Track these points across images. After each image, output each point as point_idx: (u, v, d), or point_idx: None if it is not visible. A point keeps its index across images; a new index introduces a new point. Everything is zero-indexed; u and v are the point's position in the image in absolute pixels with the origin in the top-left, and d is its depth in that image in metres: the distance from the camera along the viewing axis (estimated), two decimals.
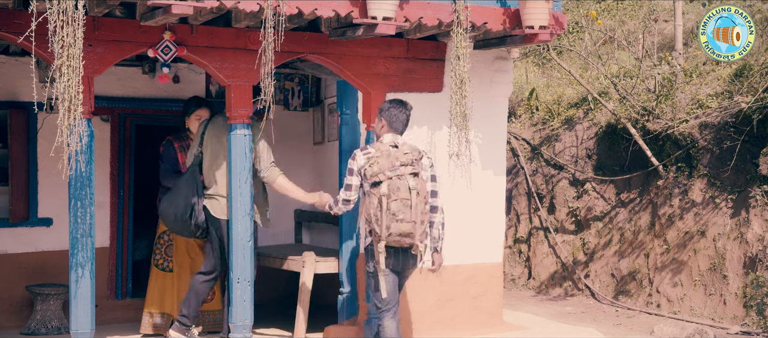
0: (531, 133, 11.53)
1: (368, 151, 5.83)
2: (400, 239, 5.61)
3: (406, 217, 5.58)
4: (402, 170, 5.66)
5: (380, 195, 5.59)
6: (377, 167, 5.67)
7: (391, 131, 5.92)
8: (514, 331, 7.63)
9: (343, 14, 6.20)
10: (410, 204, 5.58)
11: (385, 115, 5.94)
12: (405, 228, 5.58)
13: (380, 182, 5.62)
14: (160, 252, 7.71)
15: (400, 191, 5.60)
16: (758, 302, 7.61)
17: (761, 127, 8.37)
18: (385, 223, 5.56)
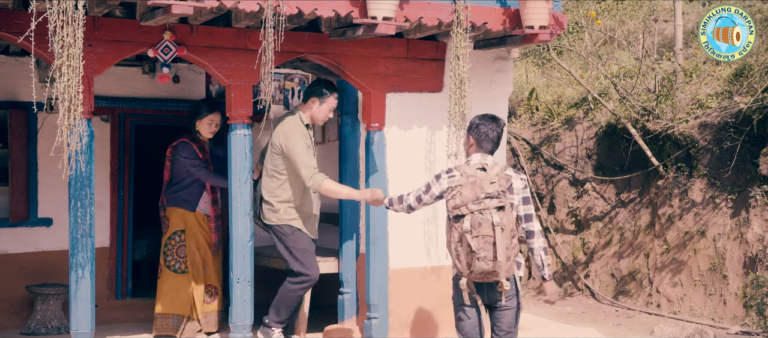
0: (531, 133, 11.53)
1: (453, 175, 5.26)
2: (482, 276, 5.10)
3: (489, 255, 5.03)
4: (486, 203, 5.06)
5: (462, 231, 5.06)
6: (460, 198, 5.10)
7: (480, 151, 5.32)
8: None
9: (343, 14, 6.20)
10: (493, 241, 5.02)
11: (474, 132, 5.34)
12: (486, 267, 5.03)
13: (462, 216, 5.07)
14: (172, 253, 7.55)
15: (482, 227, 5.03)
16: (758, 302, 7.61)
17: (761, 127, 8.37)
18: (466, 260, 5.07)
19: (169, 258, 7.54)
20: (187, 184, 7.49)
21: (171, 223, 7.52)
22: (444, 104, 7.01)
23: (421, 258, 7.27)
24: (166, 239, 7.54)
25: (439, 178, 5.36)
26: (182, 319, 7.45)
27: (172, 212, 7.52)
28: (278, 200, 6.65)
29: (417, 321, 7.25)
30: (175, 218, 7.52)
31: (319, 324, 7.61)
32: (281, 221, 6.64)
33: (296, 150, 6.44)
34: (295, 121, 6.62)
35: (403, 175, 7.15)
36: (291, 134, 6.47)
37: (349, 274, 7.39)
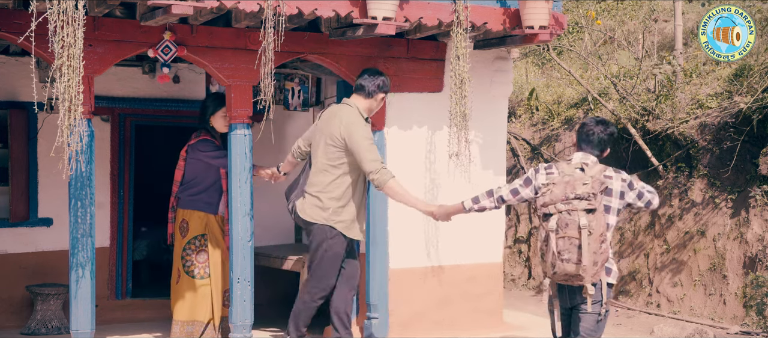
0: (531, 133, 11.53)
1: (551, 171, 5.10)
2: (566, 278, 4.93)
3: (572, 258, 4.83)
4: (575, 204, 4.85)
5: (548, 230, 4.90)
6: (549, 197, 4.92)
7: (581, 151, 5.15)
8: (514, 331, 7.63)
9: (343, 14, 6.20)
10: (578, 244, 4.81)
11: (577, 132, 5.23)
12: (569, 269, 4.84)
13: (550, 215, 4.91)
14: (191, 259, 7.20)
15: (569, 229, 4.84)
16: (758, 302, 7.61)
17: (761, 127, 8.37)
18: (550, 261, 4.90)
19: (188, 263, 7.21)
20: (209, 185, 7.18)
21: (191, 227, 7.19)
22: (444, 104, 7.01)
23: (421, 259, 7.27)
24: (185, 243, 7.21)
25: (537, 172, 5.17)
26: (203, 325, 7.20)
27: (192, 215, 7.19)
28: (329, 197, 5.99)
29: (417, 321, 7.25)
30: (196, 222, 7.19)
31: (319, 324, 7.61)
32: (327, 221, 5.97)
33: (362, 142, 5.85)
34: (356, 114, 6.06)
35: (403, 175, 7.14)
36: (355, 126, 5.91)
37: None
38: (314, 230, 6.02)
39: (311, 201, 6.03)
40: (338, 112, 6.07)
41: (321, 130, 6.10)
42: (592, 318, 5.06)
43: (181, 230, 7.25)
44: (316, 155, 6.09)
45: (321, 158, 6.02)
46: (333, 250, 6.00)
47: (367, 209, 7.04)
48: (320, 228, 5.99)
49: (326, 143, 6.00)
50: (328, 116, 6.11)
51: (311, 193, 6.04)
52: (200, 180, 7.21)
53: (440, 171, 7.26)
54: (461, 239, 7.40)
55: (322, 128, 6.09)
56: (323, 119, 6.14)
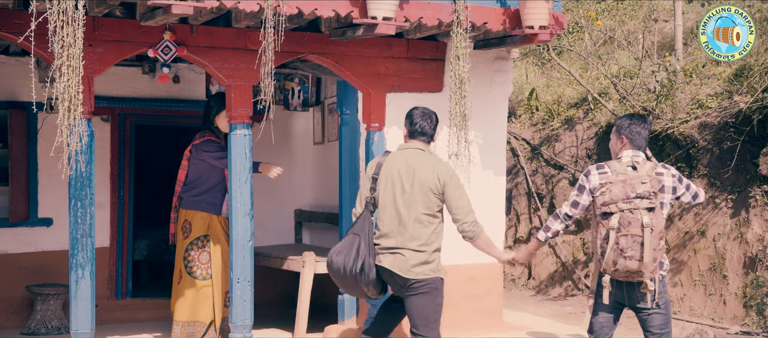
0: (531, 133, 11.53)
1: (604, 171, 5.19)
2: (627, 275, 5.07)
3: (635, 255, 4.98)
4: (637, 202, 5.01)
5: (609, 229, 5.03)
6: (609, 196, 5.06)
7: (632, 148, 5.25)
8: (514, 331, 7.63)
9: (343, 14, 6.20)
10: (641, 241, 4.98)
11: (626, 132, 5.27)
12: (632, 266, 5.00)
13: (611, 214, 5.04)
14: (194, 260, 7.16)
15: (632, 227, 4.99)
16: (758, 302, 7.61)
17: (761, 127, 8.37)
18: (612, 258, 5.02)
19: (191, 264, 7.16)
20: (212, 185, 7.16)
21: (194, 227, 7.16)
22: (444, 104, 7.01)
23: None
24: (188, 244, 7.17)
25: (588, 175, 5.25)
26: (204, 327, 7.17)
27: (195, 216, 7.17)
28: (433, 249, 5.50)
29: None
30: (199, 223, 7.16)
31: (319, 324, 7.61)
32: (435, 273, 5.50)
33: (463, 192, 5.53)
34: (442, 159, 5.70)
35: None
36: (454, 174, 5.55)
37: None
38: (424, 285, 5.47)
39: (415, 257, 5.44)
40: (422, 159, 5.51)
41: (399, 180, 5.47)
42: (660, 316, 5.20)
43: (184, 231, 7.23)
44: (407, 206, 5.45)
45: (419, 208, 5.44)
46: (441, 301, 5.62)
47: None
48: (432, 282, 5.49)
49: (425, 193, 5.44)
50: (405, 165, 5.49)
51: (413, 248, 5.44)
52: (204, 181, 7.20)
53: None
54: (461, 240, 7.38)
55: (403, 177, 5.47)
56: (398, 168, 5.50)
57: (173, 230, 7.34)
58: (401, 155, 5.55)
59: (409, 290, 5.45)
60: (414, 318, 5.49)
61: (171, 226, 7.37)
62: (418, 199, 5.43)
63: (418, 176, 5.44)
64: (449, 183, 5.46)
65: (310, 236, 9.26)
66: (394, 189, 5.47)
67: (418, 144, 5.55)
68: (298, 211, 9.22)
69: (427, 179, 5.43)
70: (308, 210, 9.13)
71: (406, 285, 5.45)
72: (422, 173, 5.45)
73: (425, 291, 5.46)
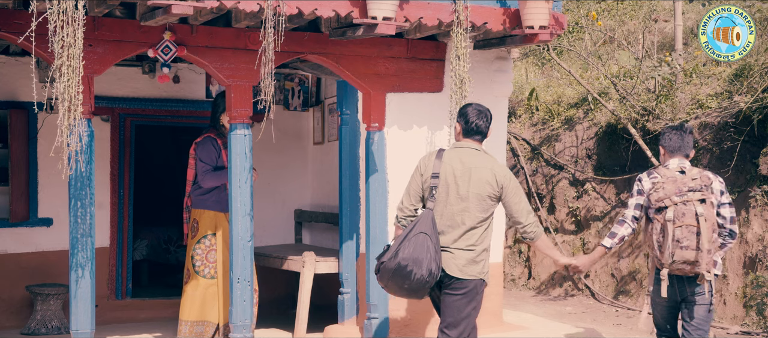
0: (531, 133, 11.53)
1: (654, 176, 5.48)
2: (683, 266, 5.28)
3: (691, 244, 5.23)
4: (689, 195, 5.29)
5: (665, 221, 5.29)
6: (663, 191, 5.35)
7: (676, 156, 5.52)
8: (514, 331, 7.63)
9: (343, 14, 6.20)
10: (697, 231, 5.23)
11: (663, 142, 5.59)
12: (689, 256, 5.23)
13: (665, 208, 5.31)
14: (201, 258, 7.09)
15: (686, 217, 5.26)
16: (758, 302, 7.61)
17: (761, 127, 8.37)
18: (669, 250, 5.26)
19: (198, 263, 7.10)
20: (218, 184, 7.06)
21: (201, 226, 7.09)
22: (444, 104, 7.01)
23: None
24: (195, 243, 7.10)
25: (641, 181, 5.54)
26: (213, 327, 7.09)
27: (202, 214, 7.10)
28: (482, 249, 5.40)
29: (417, 321, 7.24)
30: (206, 221, 7.09)
31: (319, 324, 7.61)
32: (480, 276, 5.39)
33: (522, 194, 5.46)
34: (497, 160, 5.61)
35: (403, 175, 7.13)
36: (512, 176, 5.47)
37: (349, 274, 7.39)
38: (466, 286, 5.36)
39: (463, 256, 5.33)
40: (478, 159, 5.39)
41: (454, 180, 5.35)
42: (704, 308, 5.38)
43: (192, 230, 7.18)
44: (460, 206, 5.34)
45: (473, 210, 5.34)
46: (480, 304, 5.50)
47: (367, 209, 7.05)
48: (474, 284, 5.37)
49: (481, 194, 5.33)
50: (461, 165, 5.37)
51: (462, 247, 5.34)
52: None
53: None
54: None
55: (458, 178, 5.35)
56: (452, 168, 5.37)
57: (186, 230, 7.24)
58: (456, 154, 5.42)
59: (450, 288, 5.35)
60: (447, 317, 5.38)
61: (184, 226, 7.27)
62: (473, 200, 5.32)
63: (475, 177, 5.33)
64: (508, 186, 5.37)
65: (310, 236, 9.26)
66: (448, 188, 5.35)
67: (472, 143, 5.44)
68: (298, 211, 9.22)
69: (484, 181, 5.33)
70: (308, 210, 9.13)
71: (449, 283, 5.35)
72: (479, 174, 5.33)
73: (465, 292, 5.34)
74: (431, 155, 5.50)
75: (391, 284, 5.36)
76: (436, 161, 5.42)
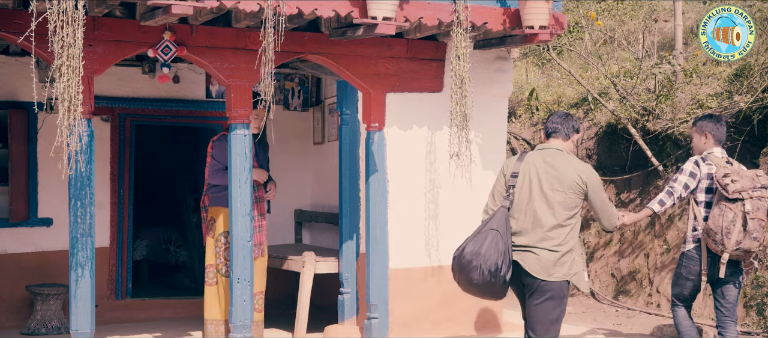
0: (531, 133, 11.53)
1: (710, 163, 6.03)
2: (743, 254, 5.86)
3: (759, 237, 5.80)
4: (762, 192, 5.85)
5: (743, 212, 5.78)
6: (740, 184, 5.81)
7: (716, 145, 6.11)
8: (514, 331, 7.63)
9: (343, 14, 6.20)
10: (763, 225, 5.82)
11: (710, 129, 6.12)
12: (754, 246, 5.81)
13: (741, 200, 5.79)
14: (220, 257, 7.03)
15: (759, 212, 5.81)
16: (758, 302, 7.61)
17: (761, 127, 8.37)
18: (736, 238, 5.78)
19: (218, 261, 7.05)
20: None
21: (217, 225, 7.05)
22: (444, 104, 7.01)
23: (421, 258, 7.27)
24: (214, 242, 7.06)
25: (698, 164, 6.06)
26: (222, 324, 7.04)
27: (219, 212, 7.04)
28: (566, 249, 5.29)
29: (417, 321, 7.25)
30: (222, 219, 7.02)
31: (319, 324, 7.61)
32: (565, 277, 5.28)
33: (603, 196, 5.46)
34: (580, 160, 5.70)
35: (403, 175, 7.16)
36: (595, 174, 5.44)
37: (349, 274, 7.39)
38: (552, 288, 5.26)
39: (549, 257, 5.24)
40: (561, 159, 5.38)
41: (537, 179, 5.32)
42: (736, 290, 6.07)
43: (210, 229, 7.12)
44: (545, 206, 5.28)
45: (558, 208, 5.27)
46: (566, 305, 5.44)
47: (367, 209, 7.05)
48: (559, 285, 5.27)
49: (566, 193, 5.28)
50: (544, 165, 5.35)
51: (547, 248, 5.26)
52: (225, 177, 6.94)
53: (440, 171, 7.26)
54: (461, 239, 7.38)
55: (541, 177, 5.32)
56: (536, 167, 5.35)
57: (205, 229, 7.19)
58: (539, 155, 5.42)
59: (536, 291, 5.26)
60: (533, 321, 5.30)
61: (203, 226, 7.21)
62: (558, 199, 5.27)
63: (560, 176, 5.29)
64: (591, 184, 5.34)
65: (310, 236, 9.26)
66: (532, 188, 5.30)
67: (555, 144, 5.44)
68: (298, 211, 9.22)
69: (569, 179, 5.29)
70: (308, 210, 9.13)
71: (533, 285, 5.26)
72: (564, 172, 5.30)
73: (551, 294, 5.25)
74: (514, 157, 5.52)
75: (460, 279, 5.33)
76: (517, 162, 5.43)
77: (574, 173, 5.30)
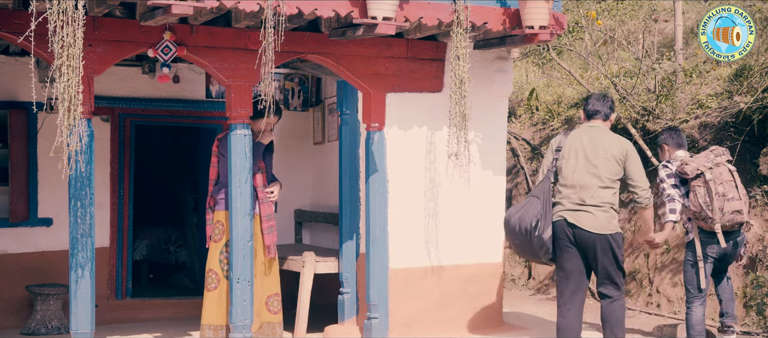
0: (531, 133, 11.53)
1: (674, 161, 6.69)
2: (733, 216, 6.42)
3: (736, 195, 6.39)
4: (719, 159, 6.47)
5: (705, 182, 6.39)
6: (694, 164, 6.46)
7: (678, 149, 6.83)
8: (514, 331, 7.63)
9: (343, 14, 6.20)
10: (735, 185, 6.40)
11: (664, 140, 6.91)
12: (737, 205, 6.40)
13: (702, 174, 6.41)
14: (229, 261, 6.70)
15: (723, 176, 6.41)
16: (758, 302, 7.61)
17: (761, 127, 8.37)
18: (718, 205, 6.37)
19: (225, 266, 6.80)
20: None
21: (227, 229, 6.74)
22: (444, 104, 7.01)
23: (421, 258, 7.27)
24: (222, 246, 6.81)
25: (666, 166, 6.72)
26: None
27: (227, 216, 6.72)
28: (614, 207, 6.13)
29: (417, 321, 7.25)
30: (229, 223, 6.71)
31: (319, 324, 7.61)
32: (617, 229, 6.14)
33: (640, 165, 6.22)
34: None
35: (403, 175, 7.15)
36: (633, 148, 6.25)
37: (349, 274, 7.39)
38: (609, 240, 6.07)
39: (601, 214, 6.06)
40: (604, 134, 6.22)
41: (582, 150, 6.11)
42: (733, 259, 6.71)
43: (217, 233, 6.89)
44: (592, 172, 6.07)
45: (603, 174, 6.08)
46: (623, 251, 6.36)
47: (367, 209, 7.05)
48: (617, 236, 6.12)
49: (607, 159, 6.10)
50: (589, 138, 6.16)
51: (598, 205, 6.07)
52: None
53: (440, 171, 7.26)
54: (461, 239, 7.40)
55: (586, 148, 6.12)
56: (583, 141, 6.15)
57: (209, 232, 6.93)
58: (583, 131, 6.24)
59: (596, 245, 6.04)
60: (601, 273, 6.12)
61: (207, 228, 6.96)
62: (602, 165, 6.07)
63: (603, 146, 6.11)
64: (630, 154, 6.15)
65: (310, 236, 9.26)
66: (578, 157, 6.10)
67: (596, 123, 6.27)
68: (298, 211, 9.22)
69: (612, 149, 6.11)
70: (308, 210, 9.13)
71: (591, 241, 6.03)
72: (607, 143, 6.13)
73: (610, 245, 6.06)
74: (560, 135, 6.35)
75: (510, 242, 6.30)
76: (562, 137, 6.28)
77: (617, 143, 6.15)
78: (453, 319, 7.41)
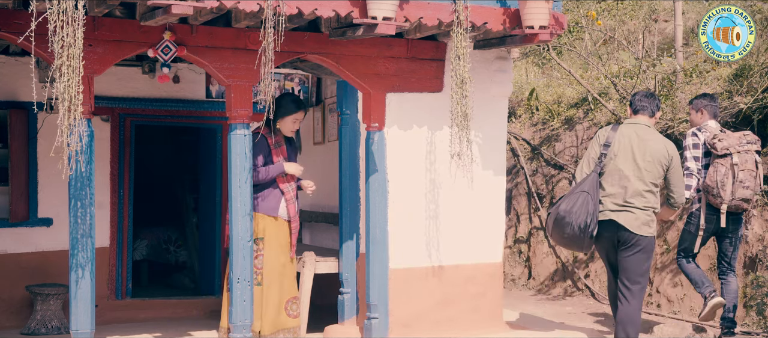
0: (531, 133, 11.53)
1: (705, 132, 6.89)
2: (740, 203, 6.73)
3: (750, 185, 6.67)
4: (748, 147, 6.67)
5: (731, 165, 6.61)
6: (727, 142, 6.65)
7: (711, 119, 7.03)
8: (514, 331, 7.63)
9: (343, 14, 6.20)
10: (755, 175, 6.67)
11: (704, 105, 7.07)
12: (747, 194, 6.70)
13: (730, 155, 6.62)
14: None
15: (748, 164, 6.64)
16: (758, 302, 7.61)
17: (761, 127, 8.37)
18: (731, 188, 6.65)
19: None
20: (265, 185, 6.78)
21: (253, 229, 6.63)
22: (444, 104, 7.01)
23: (421, 258, 7.27)
24: None
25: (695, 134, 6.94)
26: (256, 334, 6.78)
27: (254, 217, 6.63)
28: (654, 211, 6.38)
29: (417, 321, 7.25)
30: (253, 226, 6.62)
31: (319, 324, 7.61)
32: (653, 234, 6.38)
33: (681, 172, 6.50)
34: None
35: (403, 175, 7.15)
36: (677, 154, 6.44)
37: (349, 274, 7.39)
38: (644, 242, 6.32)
39: (642, 215, 6.28)
40: (652, 135, 6.38)
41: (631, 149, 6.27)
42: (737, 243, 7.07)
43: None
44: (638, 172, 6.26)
45: (647, 176, 6.27)
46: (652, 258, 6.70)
47: (367, 209, 7.05)
48: (650, 240, 6.34)
49: (654, 163, 6.27)
50: (637, 138, 6.32)
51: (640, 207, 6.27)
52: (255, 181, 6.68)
53: (440, 171, 7.26)
54: (461, 239, 7.40)
55: (635, 148, 6.28)
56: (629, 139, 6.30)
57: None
58: (631, 127, 6.39)
59: (630, 244, 6.27)
60: (628, 271, 6.34)
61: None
62: (648, 168, 6.25)
63: (650, 148, 6.28)
64: (675, 159, 6.36)
65: (310, 236, 9.26)
66: (626, 156, 6.26)
67: (643, 120, 6.44)
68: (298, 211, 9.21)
69: (658, 152, 6.29)
70: (308, 210, 9.13)
71: (627, 239, 6.27)
72: (654, 146, 6.30)
73: (644, 247, 6.29)
74: (609, 128, 6.47)
75: (554, 233, 6.44)
76: (611, 132, 6.39)
77: (663, 147, 6.31)
78: (453, 319, 7.41)
